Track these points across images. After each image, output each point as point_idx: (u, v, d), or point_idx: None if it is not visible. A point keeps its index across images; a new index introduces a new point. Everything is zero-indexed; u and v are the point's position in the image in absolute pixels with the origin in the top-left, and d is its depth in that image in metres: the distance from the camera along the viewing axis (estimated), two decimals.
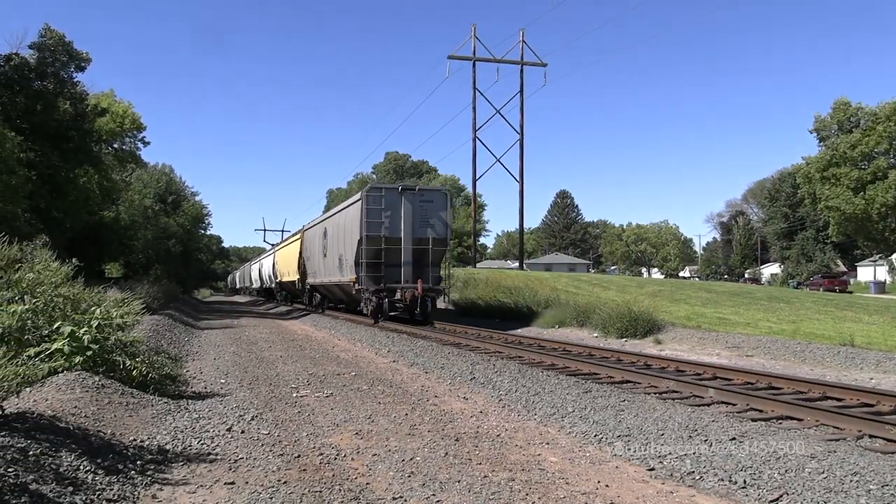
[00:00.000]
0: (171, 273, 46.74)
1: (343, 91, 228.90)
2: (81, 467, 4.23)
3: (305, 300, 30.08)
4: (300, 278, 29.95)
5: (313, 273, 27.04)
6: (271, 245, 59.71)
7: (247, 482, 4.56)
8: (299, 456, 5.26)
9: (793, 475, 4.57)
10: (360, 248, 18.63)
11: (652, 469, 5.01)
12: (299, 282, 30.28)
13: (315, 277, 26.60)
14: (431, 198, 19.47)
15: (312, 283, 27.46)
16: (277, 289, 39.56)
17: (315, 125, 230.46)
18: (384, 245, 18.52)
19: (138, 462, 4.77)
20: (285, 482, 4.57)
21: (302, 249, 29.37)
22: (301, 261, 29.55)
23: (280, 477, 4.69)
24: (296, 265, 30.74)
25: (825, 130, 57.14)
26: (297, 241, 30.97)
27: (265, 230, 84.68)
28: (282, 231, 78.82)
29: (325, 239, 23.91)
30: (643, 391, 8.43)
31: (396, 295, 18.50)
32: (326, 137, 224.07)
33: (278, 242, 49.35)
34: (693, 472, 4.84)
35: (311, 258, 27.31)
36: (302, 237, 29.81)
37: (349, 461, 5.16)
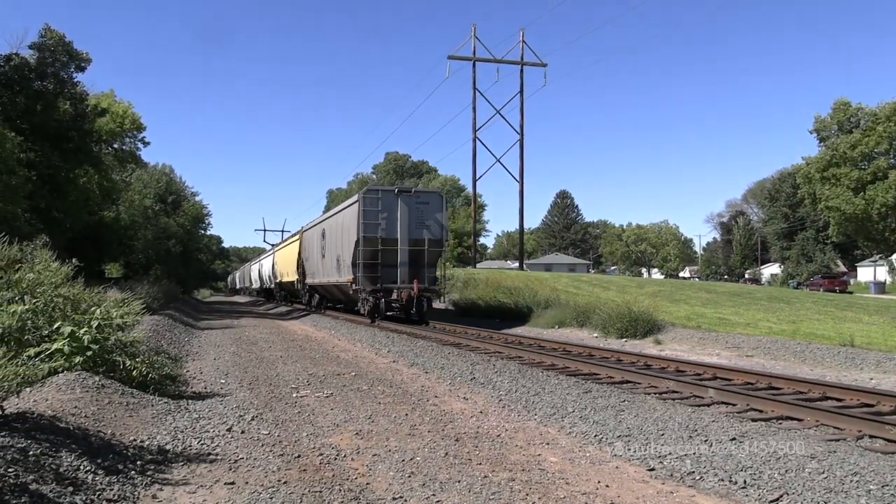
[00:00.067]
0: (171, 273, 46.73)
1: (343, 91, 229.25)
2: (81, 467, 4.23)
3: (304, 300, 30.18)
4: (299, 279, 29.98)
5: (312, 273, 27.13)
6: (271, 245, 59.66)
7: (247, 482, 4.56)
8: (299, 456, 5.26)
9: (793, 475, 4.58)
10: (358, 249, 18.79)
11: (652, 469, 5.01)
12: (298, 282, 30.31)
13: (314, 278, 26.71)
14: (427, 199, 19.68)
15: (311, 284, 27.55)
16: (277, 289, 39.59)
17: (315, 125, 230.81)
18: (381, 246, 18.71)
19: (138, 462, 4.77)
20: (285, 482, 4.58)
21: (301, 250, 29.43)
22: (300, 261, 29.59)
23: (280, 477, 4.69)
24: (295, 266, 30.78)
25: (825, 131, 57.15)
26: (296, 242, 31.03)
27: (265, 230, 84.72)
28: (282, 231, 78.88)
29: (324, 240, 24.04)
30: (643, 391, 8.43)
31: (393, 295, 18.67)
32: (326, 137, 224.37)
33: (278, 243, 49.35)
34: (693, 473, 4.84)
35: (310, 259, 27.43)
36: (301, 238, 29.87)
37: (349, 461, 5.16)
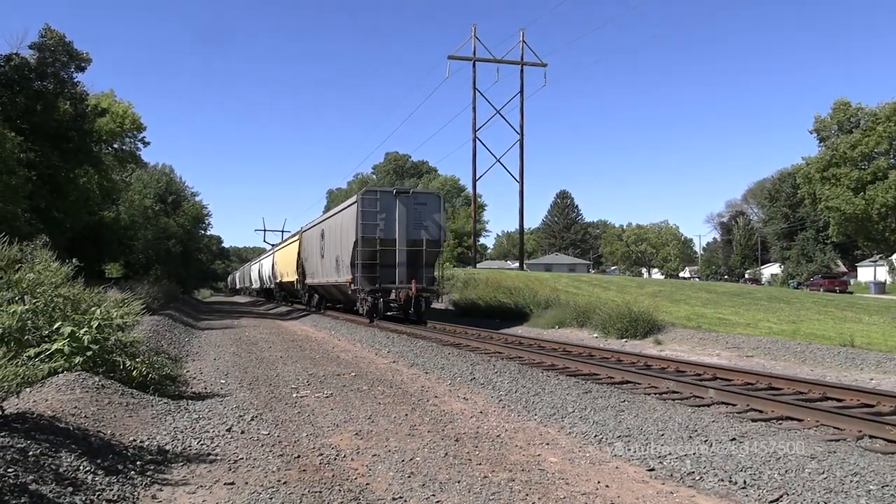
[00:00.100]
0: (171, 273, 46.72)
1: (343, 91, 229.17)
2: (81, 468, 4.23)
3: (304, 300, 30.24)
4: (299, 279, 30.03)
5: (311, 273, 27.21)
6: (271, 245, 59.69)
7: (246, 482, 4.56)
8: (299, 456, 5.26)
9: (793, 475, 4.58)
10: (356, 250, 18.96)
11: (652, 469, 5.01)
12: (298, 282, 30.36)
13: (313, 278, 26.79)
14: (425, 200, 19.86)
15: (311, 284, 27.65)
16: (277, 289, 39.61)
17: (315, 125, 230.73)
18: (379, 246, 18.89)
19: (138, 462, 4.77)
20: (285, 482, 4.58)
21: (300, 250, 29.50)
22: (300, 261, 29.66)
23: (280, 477, 4.69)
24: (294, 266, 30.83)
25: (825, 131, 57.12)
26: (296, 243, 31.10)
27: (265, 230, 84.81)
28: (282, 231, 78.94)
29: (323, 240, 24.13)
30: (643, 392, 8.43)
31: (391, 295, 18.85)
32: (326, 137, 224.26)
33: (278, 243, 49.37)
34: (693, 473, 4.84)
35: (310, 259, 27.54)
36: (300, 238, 29.93)
37: (349, 461, 5.16)
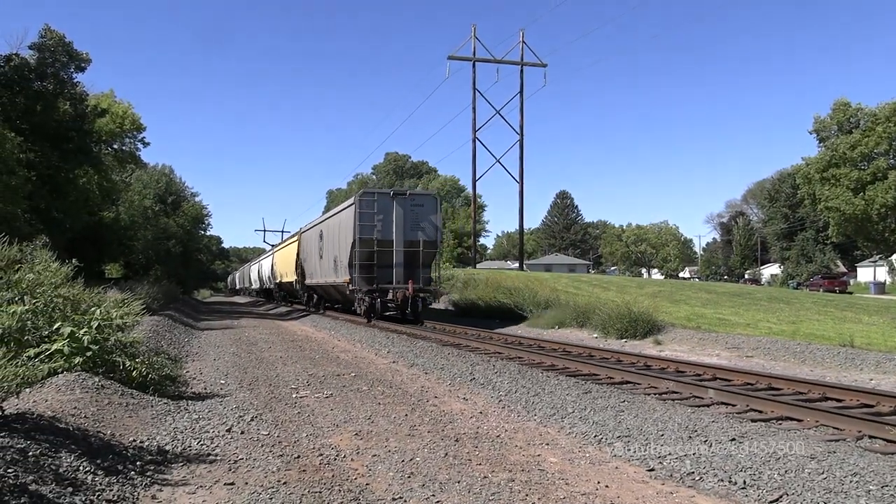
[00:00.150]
0: (171, 274, 46.75)
1: (343, 91, 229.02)
2: (81, 468, 4.23)
3: (303, 301, 30.36)
4: (298, 279, 30.13)
5: (310, 274, 27.37)
6: (271, 245, 59.75)
7: (246, 483, 4.56)
8: (299, 457, 5.26)
9: (792, 476, 4.58)
10: (354, 251, 19.21)
11: (652, 469, 5.01)
12: (297, 282, 30.45)
13: (312, 278, 26.95)
14: (422, 202, 20.08)
15: (310, 284, 27.80)
16: (276, 289, 39.66)
17: (315, 125, 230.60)
18: (376, 247, 19.15)
19: (138, 463, 4.77)
20: (285, 483, 4.58)
21: (299, 251, 29.62)
22: (299, 262, 29.76)
23: (280, 478, 4.69)
24: (294, 266, 30.92)
25: (825, 131, 57.12)
26: (295, 243, 31.22)
27: (265, 231, 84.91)
28: (281, 231, 78.98)
29: (321, 241, 24.28)
30: (643, 392, 8.43)
31: (388, 295, 19.13)
32: (326, 137, 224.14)
33: (278, 243, 49.41)
34: (693, 473, 4.84)
35: (308, 260, 27.66)
36: (299, 239, 30.05)
37: (349, 462, 5.16)
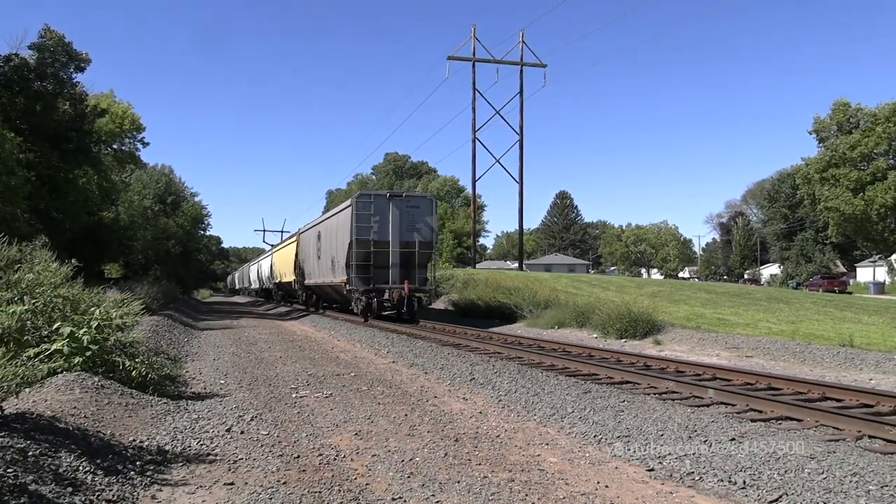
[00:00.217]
0: (171, 274, 46.76)
1: (343, 91, 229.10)
2: (81, 468, 4.23)
3: (302, 301, 30.51)
4: (297, 279, 30.24)
5: (309, 274, 27.57)
6: (271, 246, 59.67)
7: (246, 483, 4.56)
8: (299, 456, 5.26)
9: (792, 475, 4.58)
10: (351, 251, 19.46)
11: (651, 469, 5.01)
12: (296, 283, 30.57)
13: (310, 278, 27.15)
14: (418, 204, 20.32)
15: (308, 284, 28.00)
16: (275, 290, 39.70)
17: (315, 125, 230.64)
18: (373, 248, 19.44)
19: (137, 462, 4.77)
20: (285, 483, 4.57)
21: (298, 251, 29.80)
22: (297, 262, 29.92)
23: (279, 477, 4.69)
24: (292, 266, 31.04)
25: (824, 131, 57.07)
26: (294, 244, 31.40)
27: (264, 231, 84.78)
28: (281, 232, 78.83)
29: (319, 242, 24.50)
30: (643, 392, 8.43)
31: (385, 295, 19.43)
32: (326, 137, 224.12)
33: (277, 243, 49.41)
34: (693, 473, 4.84)
35: (307, 260, 27.89)
36: (298, 240, 30.23)
37: (349, 462, 5.16)
